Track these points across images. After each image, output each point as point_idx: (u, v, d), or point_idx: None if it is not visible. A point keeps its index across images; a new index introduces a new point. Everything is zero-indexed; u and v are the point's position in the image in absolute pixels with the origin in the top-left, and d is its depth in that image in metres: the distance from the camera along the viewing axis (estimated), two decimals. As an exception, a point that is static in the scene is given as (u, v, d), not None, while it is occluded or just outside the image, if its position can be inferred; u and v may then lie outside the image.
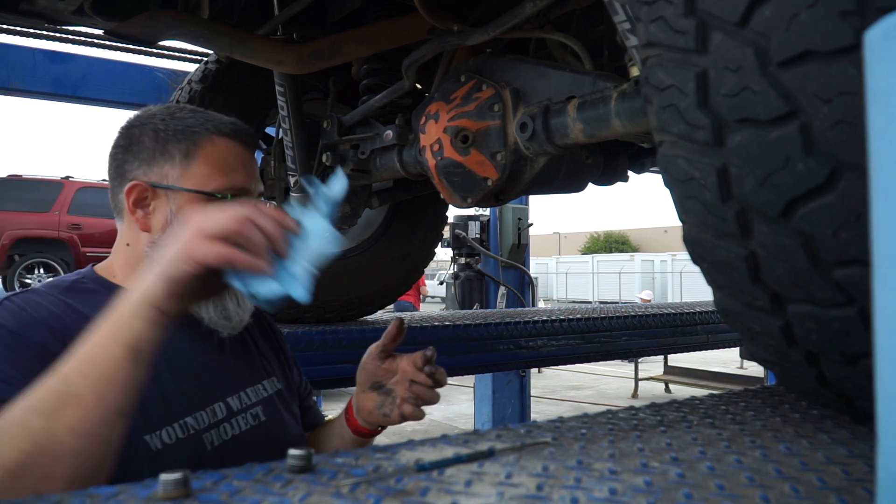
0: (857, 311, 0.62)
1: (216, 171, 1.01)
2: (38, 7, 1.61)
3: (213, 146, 1.02)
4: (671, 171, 0.73)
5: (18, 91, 7.17)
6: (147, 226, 1.01)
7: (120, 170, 1.03)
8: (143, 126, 1.02)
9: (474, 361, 2.32)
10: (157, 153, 1.00)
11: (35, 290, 0.98)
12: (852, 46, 0.54)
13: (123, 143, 1.03)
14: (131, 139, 1.02)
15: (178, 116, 1.03)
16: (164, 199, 1.00)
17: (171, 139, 1.01)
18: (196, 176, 1.00)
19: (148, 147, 1.01)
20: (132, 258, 1.04)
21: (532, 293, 5.98)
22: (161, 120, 1.02)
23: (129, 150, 1.02)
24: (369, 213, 2.43)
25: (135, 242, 1.04)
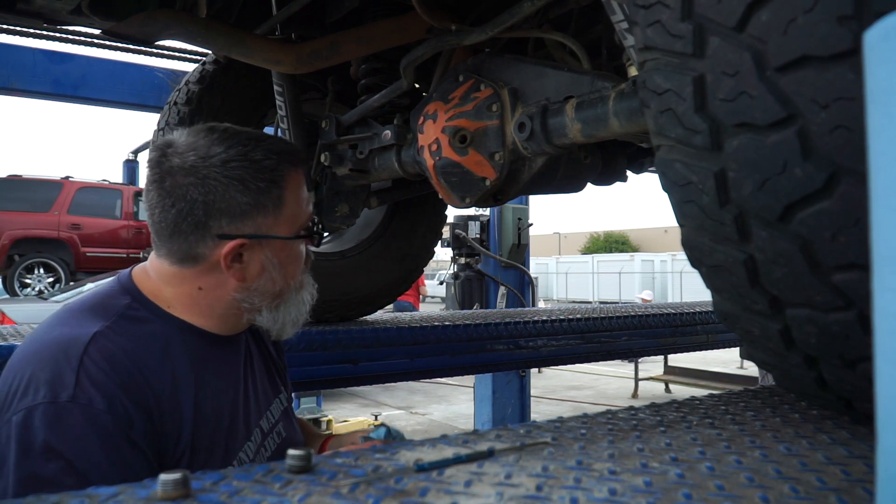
0: (856, 314, 0.62)
1: (299, 207, 1.01)
2: (36, 7, 1.61)
3: (294, 184, 1.00)
4: (669, 174, 0.73)
5: (18, 91, 7.18)
6: (243, 277, 0.98)
7: (199, 223, 0.94)
8: (221, 174, 0.93)
9: (474, 361, 2.32)
10: (251, 207, 0.95)
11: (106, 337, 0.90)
12: (850, 51, 0.54)
13: (199, 194, 0.93)
14: (210, 190, 0.93)
15: (256, 160, 0.95)
16: (258, 248, 0.98)
17: (262, 191, 0.96)
18: (287, 219, 0.99)
19: (239, 202, 0.94)
20: (200, 301, 0.99)
21: (532, 293, 5.98)
22: (242, 167, 0.94)
23: (212, 205, 0.94)
24: (368, 213, 2.43)
25: (213, 289, 0.98)
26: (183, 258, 0.97)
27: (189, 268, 0.98)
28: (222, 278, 0.98)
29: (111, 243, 10.42)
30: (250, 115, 2.14)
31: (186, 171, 0.93)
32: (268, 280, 0.99)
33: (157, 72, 7.81)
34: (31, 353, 0.89)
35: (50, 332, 0.91)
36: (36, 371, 0.85)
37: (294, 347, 1.93)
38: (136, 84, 7.75)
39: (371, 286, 2.38)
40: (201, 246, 0.96)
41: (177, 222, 0.94)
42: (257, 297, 1.00)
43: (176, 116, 2.05)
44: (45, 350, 0.88)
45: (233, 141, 0.96)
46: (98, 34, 5.60)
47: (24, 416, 0.82)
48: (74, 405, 0.82)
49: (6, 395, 0.86)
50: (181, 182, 0.93)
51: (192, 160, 0.93)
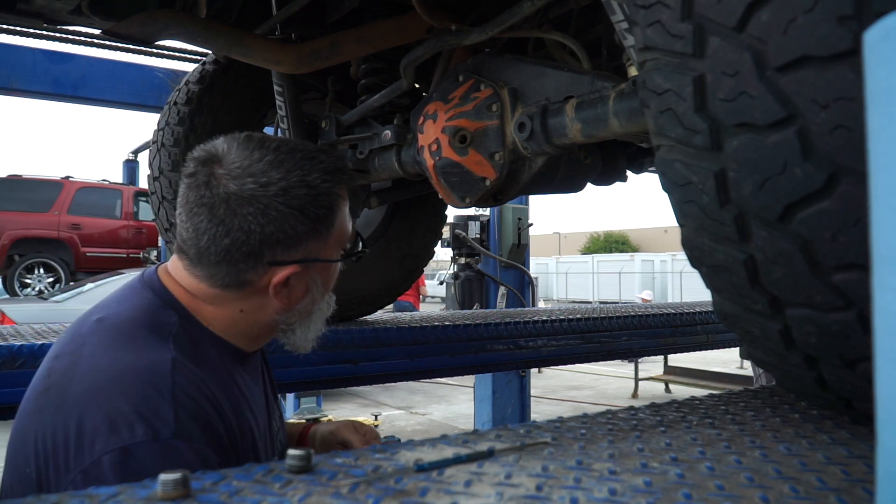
0: (856, 314, 0.62)
1: (345, 226, 0.98)
2: (36, 7, 1.61)
3: (343, 204, 0.97)
4: (669, 174, 0.73)
5: (18, 91, 7.18)
6: (288, 301, 0.95)
7: (253, 252, 0.89)
8: (283, 203, 0.88)
9: (474, 361, 2.32)
10: (307, 235, 0.92)
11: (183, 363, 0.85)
12: (850, 51, 0.54)
13: (258, 225, 0.88)
14: (270, 221, 0.88)
15: (315, 185, 0.91)
16: (306, 271, 0.95)
17: (319, 218, 0.92)
18: (335, 241, 0.97)
19: (298, 231, 0.90)
20: (240, 322, 0.96)
21: (532, 293, 5.98)
22: (303, 195, 0.90)
23: (270, 236, 0.89)
24: (368, 213, 2.43)
25: (254, 311, 0.95)
26: (228, 284, 0.92)
27: (233, 292, 0.93)
28: (265, 301, 0.95)
29: (111, 243, 10.42)
30: (250, 115, 2.14)
31: (246, 200, 0.87)
32: (309, 301, 0.98)
33: (157, 72, 7.81)
34: (103, 383, 0.81)
35: (118, 359, 0.83)
36: (121, 405, 0.78)
37: (294, 347, 1.93)
38: (136, 84, 7.75)
39: (371, 286, 2.38)
40: (251, 273, 0.91)
41: (229, 251, 0.89)
42: (295, 318, 0.98)
43: (176, 116, 2.05)
44: (125, 380, 0.80)
45: (290, 163, 0.90)
46: (98, 34, 5.60)
47: (120, 455, 0.75)
48: (179, 442, 0.78)
49: (81, 434, 0.77)
50: (239, 212, 0.87)
51: (251, 189, 0.87)
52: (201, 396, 0.84)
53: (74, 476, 0.75)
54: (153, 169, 2.10)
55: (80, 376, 0.82)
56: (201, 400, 0.83)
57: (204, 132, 2.04)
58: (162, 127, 2.08)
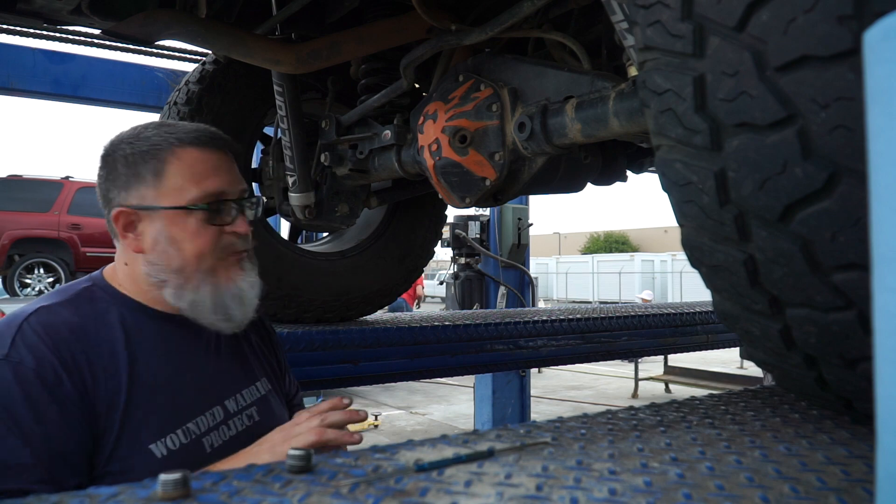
0: (857, 314, 0.62)
1: (188, 181, 1.05)
2: (36, 6, 1.61)
3: (179, 159, 1.05)
4: (669, 174, 0.73)
5: (18, 91, 7.17)
6: (140, 248, 1.06)
7: (106, 198, 1.07)
8: (115, 152, 1.06)
9: (474, 361, 2.32)
10: (131, 177, 1.04)
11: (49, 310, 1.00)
12: (850, 51, 0.54)
13: (104, 171, 1.07)
14: (108, 167, 1.06)
15: (143, 136, 1.06)
16: (149, 220, 1.05)
17: (139, 161, 1.04)
18: (170, 191, 1.04)
19: (122, 173, 1.05)
20: (132, 275, 1.08)
21: (532, 293, 5.98)
22: (129, 143, 1.06)
23: (108, 179, 1.06)
24: (368, 213, 2.43)
25: (132, 262, 1.08)
26: (112, 235, 1.10)
27: (116, 243, 1.10)
28: (130, 252, 1.07)
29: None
30: (250, 115, 2.14)
31: (102, 157, 1.08)
32: (162, 253, 1.05)
33: (157, 72, 7.81)
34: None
35: (14, 311, 1.01)
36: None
37: (294, 347, 1.93)
38: (136, 84, 7.74)
39: (371, 286, 2.38)
40: (112, 222, 1.07)
41: (101, 204, 1.09)
42: (160, 272, 1.06)
43: (176, 116, 2.05)
44: (5, 320, 0.98)
45: (139, 128, 1.08)
46: (98, 34, 5.60)
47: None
48: (6, 362, 0.92)
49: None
50: (99, 166, 1.08)
51: (106, 147, 1.08)
52: (56, 335, 0.96)
53: None
54: (153, 169, 2.10)
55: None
56: (54, 337, 0.96)
57: (204, 132, 2.04)
58: (162, 127, 2.07)
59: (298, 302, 2.17)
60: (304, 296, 2.17)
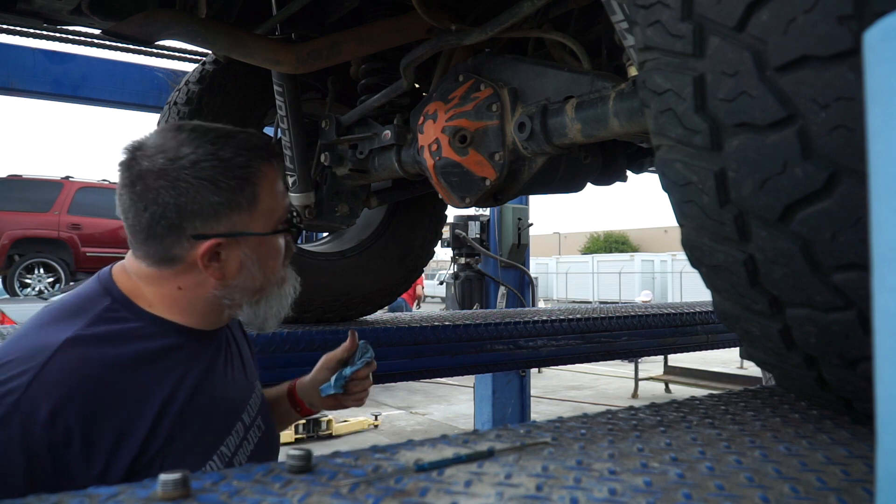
0: (857, 314, 0.62)
1: (274, 202, 1.00)
2: (36, 7, 1.61)
3: (267, 178, 0.99)
4: (669, 174, 0.73)
5: (18, 91, 7.18)
6: (222, 275, 0.98)
7: (173, 226, 0.93)
8: (192, 175, 0.92)
9: (474, 361, 2.32)
10: (224, 206, 0.94)
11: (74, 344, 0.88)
12: (850, 51, 0.54)
13: (171, 197, 0.92)
14: (181, 193, 0.92)
15: (226, 158, 0.95)
16: (236, 246, 0.97)
17: (234, 189, 0.95)
18: (262, 215, 0.99)
19: (212, 202, 0.93)
20: (181, 299, 0.99)
21: (532, 293, 5.98)
22: (212, 167, 0.93)
23: (184, 207, 0.93)
24: (368, 213, 2.43)
25: (193, 287, 0.98)
26: (160, 260, 0.96)
27: (167, 269, 0.97)
28: (201, 277, 0.97)
29: (111, 243, 10.41)
30: (250, 115, 2.14)
31: (156, 174, 0.92)
32: (247, 277, 0.99)
33: (157, 72, 7.81)
34: (11, 351, 0.88)
35: (26, 337, 0.90)
36: (7, 367, 0.85)
37: (294, 347, 1.93)
38: (136, 84, 7.74)
39: (371, 286, 2.38)
40: (177, 248, 0.95)
41: (150, 226, 0.93)
42: (238, 294, 1.00)
43: (176, 116, 2.05)
44: (14, 353, 0.87)
45: (202, 140, 0.94)
46: (98, 34, 5.60)
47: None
48: (17, 412, 0.82)
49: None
50: (152, 185, 0.92)
51: (162, 163, 0.92)
52: (79, 384, 0.86)
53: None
54: (153, 169, 2.10)
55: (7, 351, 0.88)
56: (77, 381, 0.85)
57: (204, 132, 2.04)
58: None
59: (298, 302, 2.17)
60: (303, 296, 2.16)
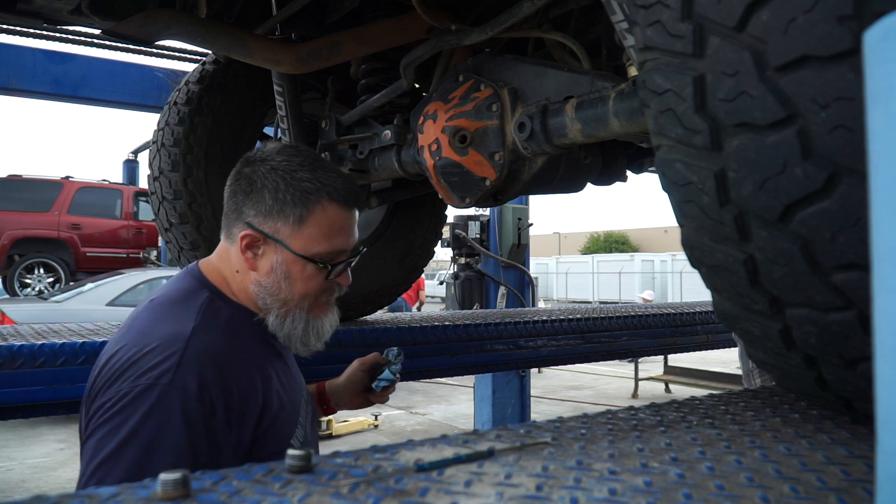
0: (857, 314, 0.62)
1: (322, 235, 1.10)
2: (36, 7, 1.61)
3: (324, 212, 1.09)
4: (669, 174, 0.73)
5: (18, 91, 7.19)
6: (255, 266, 1.10)
7: (238, 209, 1.11)
8: (265, 179, 1.09)
9: (474, 361, 2.32)
10: (275, 210, 1.08)
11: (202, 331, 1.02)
12: (850, 51, 0.54)
13: (244, 187, 1.10)
14: (253, 187, 1.09)
15: (298, 177, 1.08)
16: (273, 249, 1.09)
17: (288, 201, 1.07)
18: (304, 238, 1.09)
19: (267, 202, 1.08)
20: (243, 285, 1.12)
21: (532, 293, 5.98)
22: (282, 178, 1.08)
23: (249, 197, 1.10)
24: (368, 213, 2.43)
25: (244, 273, 1.12)
26: (226, 233, 1.13)
27: (230, 245, 1.12)
28: (241, 259, 1.10)
29: (111, 243, 10.42)
30: (250, 114, 2.14)
31: (251, 166, 1.11)
32: (274, 282, 1.09)
33: (157, 72, 7.82)
34: (140, 342, 1.00)
35: (154, 328, 1.02)
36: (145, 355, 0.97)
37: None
38: (136, 84, 7.75)
39: (371, 286, 2.38)
40: (235, 227, 1.11)
41: (228, 201, 1.13)
42: (267, 297, 1.10)
43: (176, 116, 2.05)
44: (154, 342, 0.99)
45: (298, 161, 1.10)
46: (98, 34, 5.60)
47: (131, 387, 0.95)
48: (174, 389, 0.94)
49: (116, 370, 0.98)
50: (244, 173, 1.11)
51: (258, 163, 1.11)
52: (213, 360, 0.99)
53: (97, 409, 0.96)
54: (153, 169, 2.10)
55: (127, 342, 1.01)
56: (212, 363, 0.99)
57: (204, 132, 2.04)
58: (162, 127, 2.08)
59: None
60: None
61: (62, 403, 1.63)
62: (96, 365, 1.05)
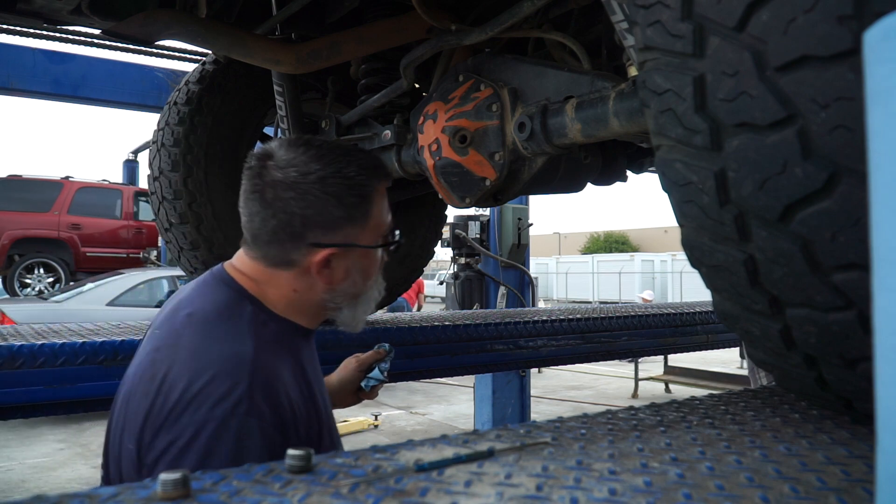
0: (857, 314, 0.62)
1: (382, 216, 1.10)
2: (36, 7, 1.61)
3: (379, 195, 1.09)
4: (669, 174, 0.73)
5: (18, 91, 7.19)
6: (331, 280, 1.06)
7: (296, 233, 1.02)
8: (320, 190, 1.01)
9: (474, 361, 2.32)
10: (343, 218, 1.03)
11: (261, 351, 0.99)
12: (850, 51, 0.54)
13: (299, 208, 1.00)
14: (309, 205, 1.01)
15: (350, 176, 1.03)
16: (345, 255, 1.06)
17: (354, 205, 1.04)
18: (372, 229, 1.08)
19: (334, 214, 1.03)
20: (298, 303, 1.08)
21: (532, 293, 5.98)
22: (337, 184, 1.02)
23: (310, 218, 1.01)
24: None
25: (305, 291, 1.07)
26: (277, 263, 1.05)
27: (283, 271, 1.06)
28: (312, 282, 1.06)
29: (111, 243, 10.42)
30: (250, 114, 2.14)
31: (288, 185, 1.00)
32: (351, 284, 1.08)
33: (157, 72, 7.83)
34: (198, 367, 0.95)
35: (209, 351, 0.97)
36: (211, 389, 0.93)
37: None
38: (136, 84, 7.75)
39: (371, 286, 2.38)
40: (295, 253, 1.03)
41: (275, 231, 1.02)
42: (340, 298, 1.09)
43: (176, 116, 2.05)
44: (215, 366, 0.95)
45: (328, 158, 1.04)
46: (98, 34, 5.60)
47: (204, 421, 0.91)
48: (252, 419, 0.92)
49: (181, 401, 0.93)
50: (282, 196, 1.00)
51: (294, 176, 1.00)
52: (274, 381, 0.98)
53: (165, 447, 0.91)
54: (153, 169, 2.10)
55: (179, 366, 0.96)
56: (275, 384, 0.98)
57: (204, 132, 2.04)
58: (162, 127, 2.08)
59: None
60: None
61: (62, 403, 1.63)
62: (133, 388, 0.99)
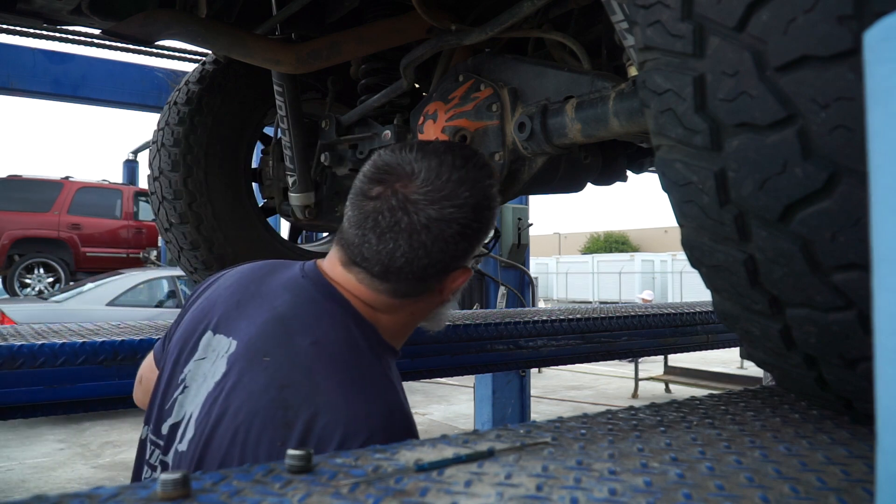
0: (857, 314, 0.62)
1: None
2: (36, 6, 1.61)
3: None
4: (669, 174, 0.73)
5: (18, 91, 7.20)
6: (449, 297, 1.02)
7: (448, 268, 0.95)
8: (477, 223, 0.94)
9: (474, 361, 2.32)
10: (482, 240, 0.99)
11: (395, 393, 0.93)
12: (850, 51, 0.54)
13: (455, 246, 0.93)
14: (467, 238, 0.94)
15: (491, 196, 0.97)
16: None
17: (491, 227, 0.99)
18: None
19: (483, 235, 0.98)
20: (409, 326, 1.02)
21: (532, 293, 5.98)
22: (491, 211, 0.97)
23: (465, 250, 0.95)
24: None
25: (421, 312, 1.01)
26: (409, 294, 0.97)
27: (410, 300, 0.98)
28: (433, 302, 1.00)
29: (111, 243, 10.43)
30: (250, 115, 2.14)
31: (447, 223, 0.91)
32: (456, 296, 1.03)
33: (157, 72, 7.83)
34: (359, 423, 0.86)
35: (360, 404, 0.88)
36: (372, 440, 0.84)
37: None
38: (136, 84, 7.76)
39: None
40: (434, 282, 0.96)
41: (426, 269, 0.93)
42: (441, 309, 1.05)
43: (176, 116, 2.05)
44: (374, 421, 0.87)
45: (471, 176, 0.93)
46: (98, 34, 5.60)
47: None
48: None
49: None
50: (439, 236, 0.91)
51: (451, 212, 0.90)
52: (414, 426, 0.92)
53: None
54: (153, 169, 2.11)
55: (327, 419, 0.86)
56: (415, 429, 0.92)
57: (204, 132, 2.04)
58: (162, 127, 2.08)
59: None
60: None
61: (62, 403, 1.63)
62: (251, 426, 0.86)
